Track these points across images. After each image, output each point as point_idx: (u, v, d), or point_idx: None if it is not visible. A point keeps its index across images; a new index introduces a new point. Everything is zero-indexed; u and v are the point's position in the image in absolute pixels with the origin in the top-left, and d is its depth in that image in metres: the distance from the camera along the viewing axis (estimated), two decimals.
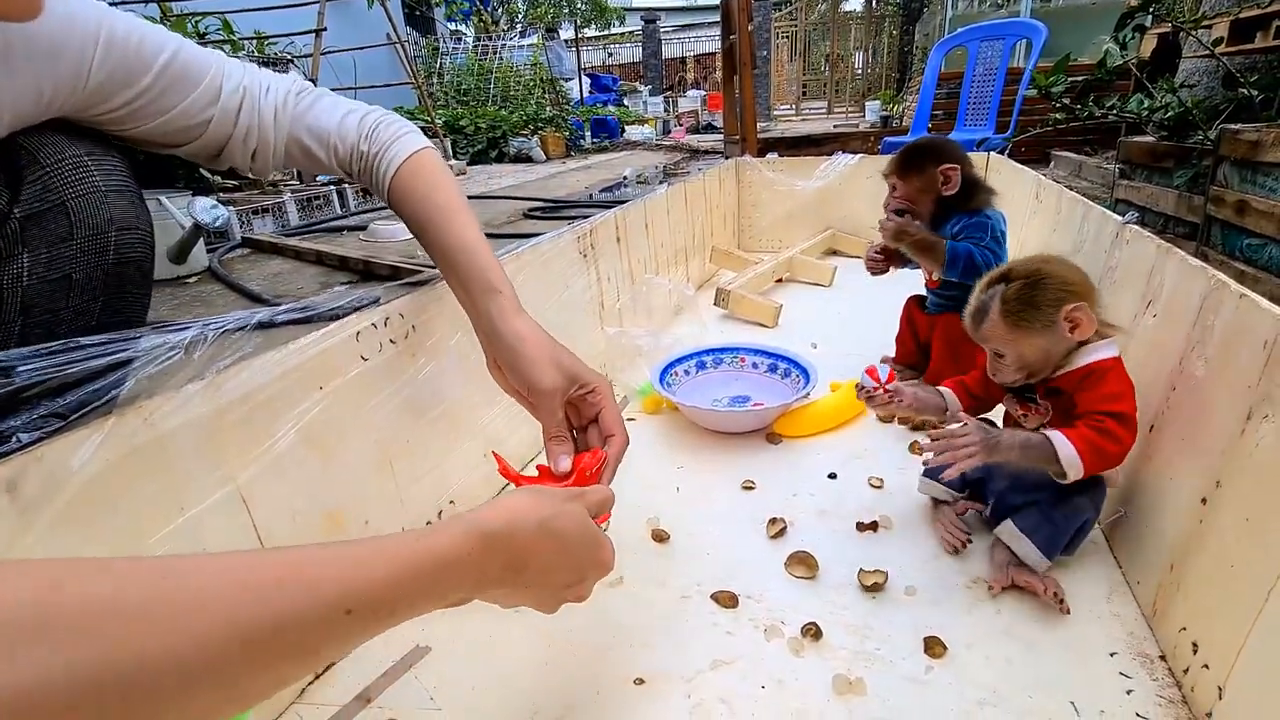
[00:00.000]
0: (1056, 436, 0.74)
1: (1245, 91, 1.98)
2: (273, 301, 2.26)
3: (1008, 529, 0.80)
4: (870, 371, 0.90)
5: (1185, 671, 0.66)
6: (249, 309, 0.72)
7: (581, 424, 0.76)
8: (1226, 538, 0.63)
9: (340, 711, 0.69)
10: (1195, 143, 2.09)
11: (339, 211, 3.98)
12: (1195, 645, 0.65)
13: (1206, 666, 0.63)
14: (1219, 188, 1.84)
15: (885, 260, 1.29)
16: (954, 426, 0.78)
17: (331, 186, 4.00)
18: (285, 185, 4.07)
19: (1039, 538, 0.78)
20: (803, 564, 0.85)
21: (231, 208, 3.22)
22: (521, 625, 0.79)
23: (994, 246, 1.15)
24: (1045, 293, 0.74)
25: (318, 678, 0.72)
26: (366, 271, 2.63)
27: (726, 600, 0.80)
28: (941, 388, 0.91)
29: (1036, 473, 0.77)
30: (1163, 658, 0.70)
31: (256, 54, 4.36)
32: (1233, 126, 1.80)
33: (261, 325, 0.72)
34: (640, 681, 0.70)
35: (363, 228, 3.40)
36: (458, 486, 0.96)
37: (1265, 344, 0.62)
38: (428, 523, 0.90)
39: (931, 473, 0.91)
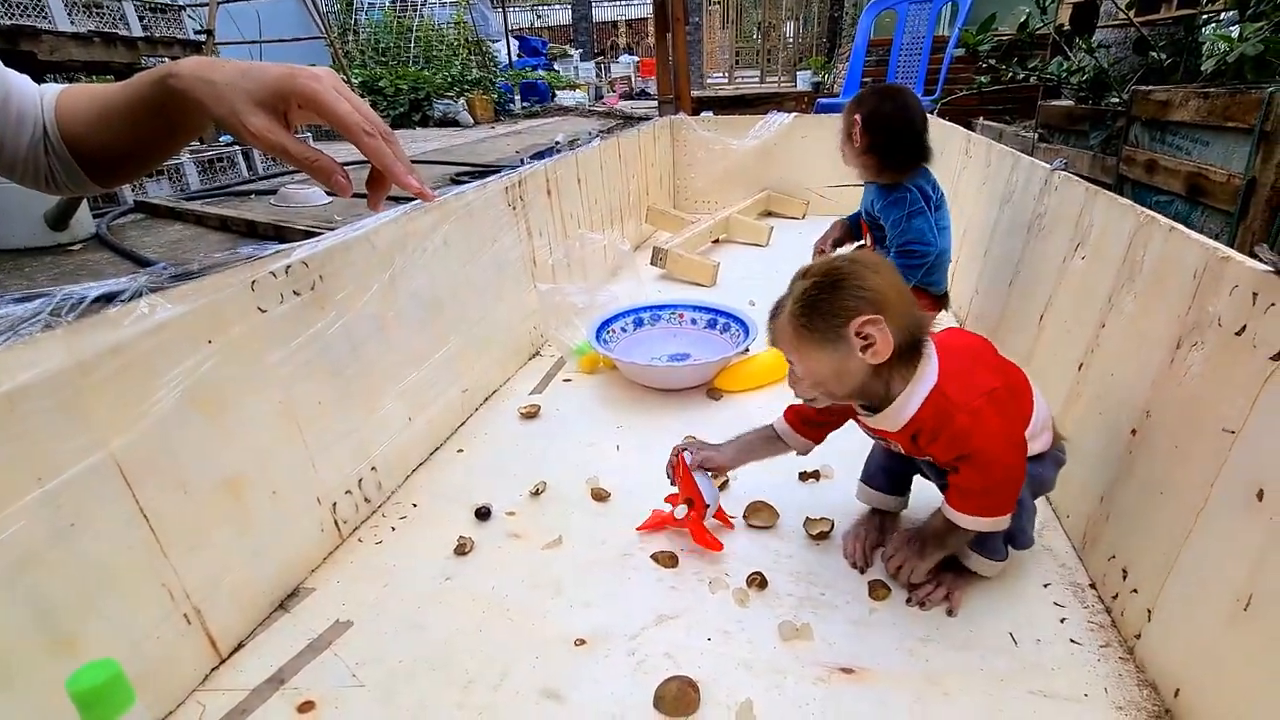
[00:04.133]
0: (952, 514, 0.66)
1: (1155, 55, 2.07)
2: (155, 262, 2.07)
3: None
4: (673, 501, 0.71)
5: (1115, 597, 0.68)
6: (134, 274, 0.62)
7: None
8: (1156, 465, 0.64)
9: (249, 697, 0.62)
10: (1109, 105, 2.17)
11: (245, 175, 3.70)
12: (1125, 571, 0.66)
13: (1136, 591, 0.64)
14: (1131, 148, 1.92)
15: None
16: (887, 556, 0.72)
17: (237, 148, 3.70)
18: None
19: (985, 548, 0.70)
20: (758, 513, 0.83)
21: None
22: (452, 593, 0.74)
23: (920, 223, 1.13)
24: (835, 299, 0.60)
25: (223, 661, 0.65)
26: (278, 238, 2.45)
27: (666, 561, 0.77)
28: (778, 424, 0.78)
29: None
30: (1093, 586, 0.72)
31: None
32: (1144, 88, 1.87)
33: (153, 290, 0.62)
34: (581, 642, 0.67)
35: (272, 192, 3.17)
36: (380, 451, 0.89)
37: (1195, 274, 0.62)
38: (347, 492, 0.83)
39: (871, 479, 0.80)
